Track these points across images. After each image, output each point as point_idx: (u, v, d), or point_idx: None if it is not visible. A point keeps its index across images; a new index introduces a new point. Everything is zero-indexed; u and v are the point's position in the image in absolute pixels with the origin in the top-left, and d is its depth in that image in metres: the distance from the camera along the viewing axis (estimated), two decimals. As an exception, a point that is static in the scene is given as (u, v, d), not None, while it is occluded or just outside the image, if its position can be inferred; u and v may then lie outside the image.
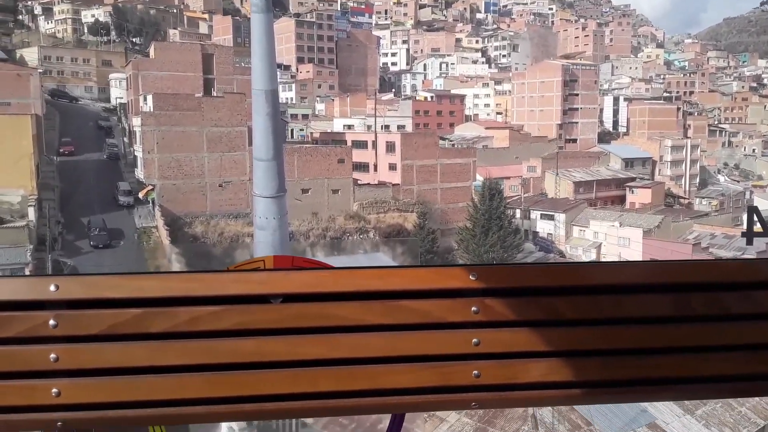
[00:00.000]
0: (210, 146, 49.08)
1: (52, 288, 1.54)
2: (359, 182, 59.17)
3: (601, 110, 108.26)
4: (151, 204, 48.77)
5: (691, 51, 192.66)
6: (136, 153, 51.21)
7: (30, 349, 1.54)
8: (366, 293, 1.64)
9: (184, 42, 67.46)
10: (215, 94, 51.45)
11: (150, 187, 48.27)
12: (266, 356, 1.59)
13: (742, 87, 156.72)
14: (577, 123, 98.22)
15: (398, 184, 60.06)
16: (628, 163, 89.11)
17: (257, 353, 1.59)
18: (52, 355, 1.53)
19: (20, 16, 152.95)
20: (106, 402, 1.56)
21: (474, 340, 1.65)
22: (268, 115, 9.08)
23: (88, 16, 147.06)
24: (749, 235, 2.16)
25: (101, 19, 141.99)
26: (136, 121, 49.40)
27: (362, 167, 63.83)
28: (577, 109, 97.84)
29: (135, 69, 54.01)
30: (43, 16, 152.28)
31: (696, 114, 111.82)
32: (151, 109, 47.47)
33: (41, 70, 55.96)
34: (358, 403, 1.65)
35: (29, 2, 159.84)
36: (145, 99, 50.14)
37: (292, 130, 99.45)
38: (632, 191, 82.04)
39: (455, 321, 1.66)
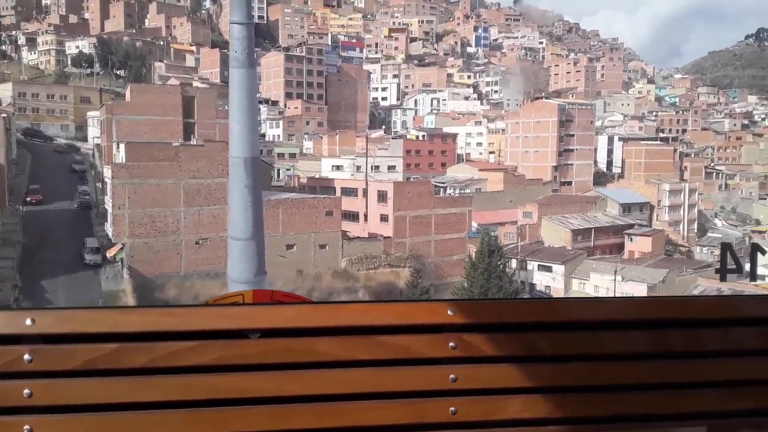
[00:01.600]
0: (187, 200, 45.32)
1: (28, 322, 1.52)
2: (348, 234, 55.46)
3: (595, 150, 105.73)
4: (120, 264, 44.80)
5: (681, 86, 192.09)
6: (106, 206, 47.33)
7: (3, 384, 1.51)
8: (346, 328, 1.64)
9: (163, 84, 64.03)
10: (194, 142, 47.85)
11: (119, 246, 44.33)
12: (246, 392, 1.58)
13: (734, 125, 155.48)
14: (572, 165, 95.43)
15: (390, 237, 56.39)
16: (626, 208, 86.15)
17: (237, 389, 1.58)
18: (26, 391, 1.50)
19: (3, 47, 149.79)
20: None
21: (451, 376, 1.66)
22: (247, 187, 8.09)
23: (72, 47, 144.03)
24: (723, 272, 2.17)
25: (85, 50, 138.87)
26: (107, 173, 45.65)
27: (352, 216, 60.17)
28: (572, 150, 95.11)
29: (109, 113, 50.29)
30: (27, 47, 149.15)
31: (693, 155, 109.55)
32: (123, 160, 43.73)
33: (5, 115, 51.95)
34: None
35: (13, 32, 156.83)
36: (118, 147, 46.47)
37: (278, 170, 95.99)
38: (631, 239, 78.84)
39: (433, 357, 1.67)
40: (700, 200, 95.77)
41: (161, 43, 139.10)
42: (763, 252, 2.24)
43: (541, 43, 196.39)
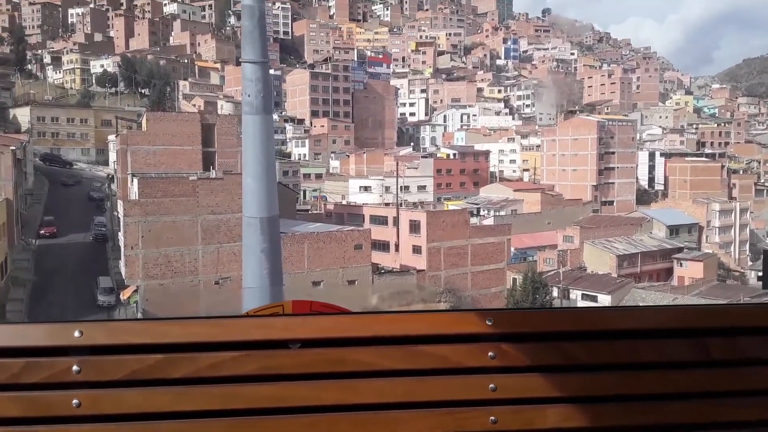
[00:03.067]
0: (206, 237, 41.82)
1: (77, 334, 1.58)
2: (380, 268, 51.47)
3: (636, 167, 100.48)
4: (135, 307, 41.36)
5: (720, 97, 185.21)
6: (119, 243, 44.05)
7: (53, 395, 1.56)
8: (385, 338, 1.67)
9: (181, 111, 61.05)
10: (213, 174, 44.41)
11: (133, 288, 40.92)
12: (287, 402, 1.61)
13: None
14: (613, 183, 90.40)
15: (423, 270, 52.29)
16: (673, 230, 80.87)
17: (278, 398, 1.61)
18: (75, 401, 1.55)
19: (29, 66, 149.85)
20: None
21: (491, 385, 1.67)
22: (264, 252, 6.80)
23: (97, 66, 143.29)
24: (765, 279, 2.10)
25: (109, 69, 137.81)
26: (121, 209, 42.39)
27: (382, 246, 56.27)
28: (613, 168, 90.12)
29: (123, 143, 47.02)
30: (52, 66, 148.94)
31: (741, 172, 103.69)
32: (137, 197, 40.37)
33: (13, 147, 48.88)
34: None
35: (39, 51, 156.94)
36: (132, 180, 43.21)
37: (304, 191, 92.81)
38: (681, 264, 73.51)
39: (472, 366, 1.68)
40: (752, 220, 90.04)
41: (185, 60, 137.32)
42: None
43: (572, 54, 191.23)
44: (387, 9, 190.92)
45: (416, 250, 53.70)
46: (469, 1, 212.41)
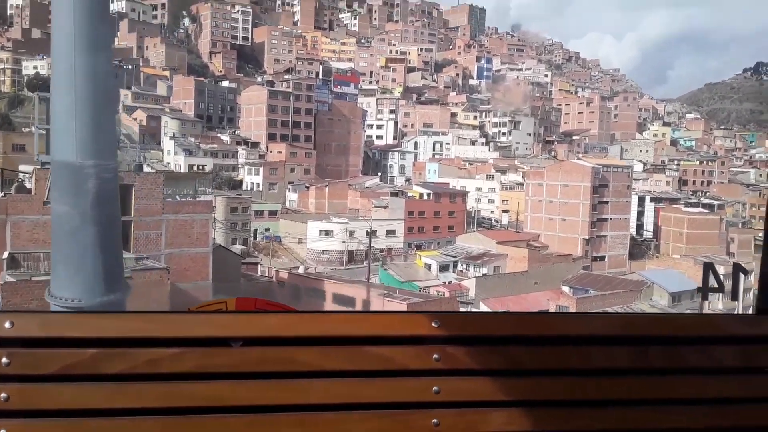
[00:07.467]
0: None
1: (7, 325, 1.52)
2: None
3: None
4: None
5: (696, 129, 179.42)
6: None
7: None
8: (330, 338, 1.65)
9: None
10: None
11: None
12: (226, 401, 1.57)
13: (760, 175, 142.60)
14: (605, 236, 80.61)
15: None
16: (676, 297, 71.32)
17: (217, 398, 1.57)
18: (3, 395, 1.49)
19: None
20: None
21: (434, 388, 1.67)
22: None
23: (30, 67, 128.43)
24: (705, 291, 2.28)
25: (42, 72, 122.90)
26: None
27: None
28: (606, 219, 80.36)
29: (2, 213, 34.09)
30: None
31: (740, 225, 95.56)
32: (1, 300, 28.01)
33: None
34: None
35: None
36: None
37: (255, 230, 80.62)
38: (688, 342, 63.90)
39: (416, 368, 1.68)
40: (754, 281, 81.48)
41: (130, 66, 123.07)
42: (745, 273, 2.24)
43: (546, 75, 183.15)
44: (355, 18, 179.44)
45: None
46: (440, 14, 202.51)
